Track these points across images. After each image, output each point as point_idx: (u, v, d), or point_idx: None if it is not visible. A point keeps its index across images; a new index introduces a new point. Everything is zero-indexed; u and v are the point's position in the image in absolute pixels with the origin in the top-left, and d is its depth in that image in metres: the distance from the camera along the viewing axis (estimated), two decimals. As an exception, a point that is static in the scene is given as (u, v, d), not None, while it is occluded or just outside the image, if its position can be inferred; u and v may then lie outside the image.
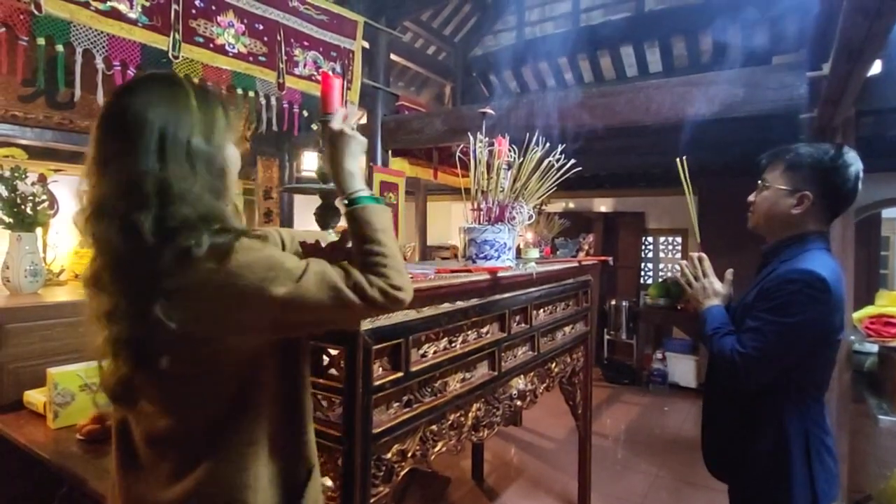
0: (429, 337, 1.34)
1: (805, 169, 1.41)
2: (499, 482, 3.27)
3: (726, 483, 1.58)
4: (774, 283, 1.35)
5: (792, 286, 1.30)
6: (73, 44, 2.22)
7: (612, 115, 3.26)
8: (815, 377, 1.42)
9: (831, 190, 1.39)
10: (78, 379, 2.03)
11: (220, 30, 2.78)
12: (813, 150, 1.43)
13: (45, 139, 3.35)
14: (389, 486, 1.18)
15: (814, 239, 1.41)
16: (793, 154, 1.44)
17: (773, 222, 1.47)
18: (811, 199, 1.39)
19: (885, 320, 2.17)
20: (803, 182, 1.40)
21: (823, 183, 1.39)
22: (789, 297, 1.30)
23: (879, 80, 2.18)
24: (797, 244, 1.41)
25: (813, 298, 1.28)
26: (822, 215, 1.42)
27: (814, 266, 1.31)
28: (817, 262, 1.33)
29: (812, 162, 1.40)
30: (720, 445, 1.56)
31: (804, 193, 1.39)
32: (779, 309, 1.31)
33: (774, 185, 1.45)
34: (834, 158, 1.38)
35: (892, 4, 1.03)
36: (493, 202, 1.79)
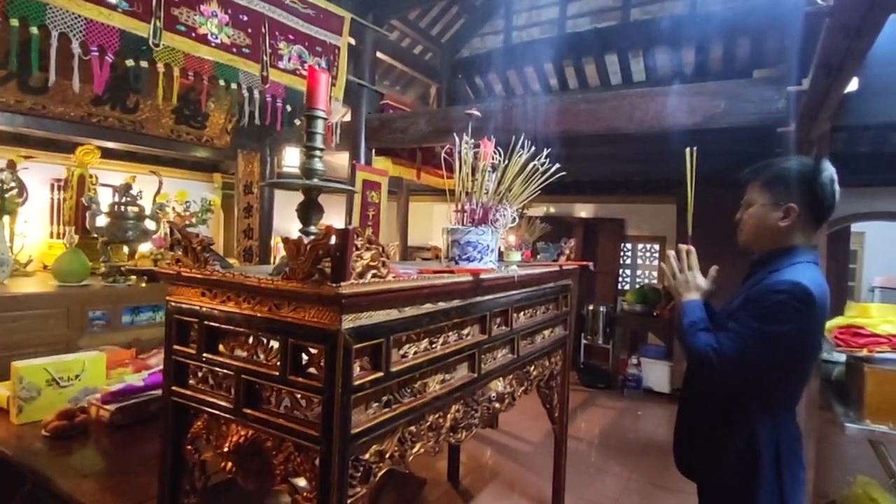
0: (409, 337, 1.32)
1: (789, 182, 1.43)
2: (474, 484, 3.27)
3: (696, 482, 1.61)
4: (761, 291, 1.37)
5: (779, 296, 1.32)
6: (49, 26, 2.15)
7: (596, 121, 3.29)
8: (790, 388, 1.44)
9: (815, 200, 1.41)
10: (44, 373, 1.96)
11: (203, 19, 2.72)
12: (794, 163, 1.47)
13: (16, 124, 3.24)
14: (367, 487, 1.16)
15: (803, 252, 1.44)
16: (775, 168, 1.47)
17: (762, 237, 1.50)
18: (797, 210, 1.41)
19: (853, 331, 2.23)
20: (788, 195, 1.43)
21: (807, 194, 1.41)
22: (775, 307, 1.32)
23: (854, 97, 2.24)
24: (786, 255, 1.44)
25: (798, 311, 1.30)
26: (808, 225, 1.45)
27: (802, 279, 1.32)
28: (806, 275, 1.35)
29: (795, 175, 1.43)
30: (693, 447, 1.59)
31: (790, 206, 1.42)
32: (763, 317, 1.33)
33: (760, 200, 1.48)
34: (815, 170, 1.41)
35: (873, 24, 1.06)
36: (476, 204, 1.79)
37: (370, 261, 1.11)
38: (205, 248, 1.30)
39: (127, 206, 3.64)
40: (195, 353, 1.32)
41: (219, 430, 1.31)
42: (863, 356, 2.18)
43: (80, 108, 3.43)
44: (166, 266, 1.37)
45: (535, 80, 6.03)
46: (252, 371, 1.21)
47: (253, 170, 4.80)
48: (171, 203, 4.36)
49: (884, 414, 2.08)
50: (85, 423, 1.88)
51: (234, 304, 1.24)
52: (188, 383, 1.36)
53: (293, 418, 1.15)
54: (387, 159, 4.76)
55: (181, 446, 1.38)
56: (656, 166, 4.96)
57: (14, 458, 1.69)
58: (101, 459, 1.74)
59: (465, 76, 6.38)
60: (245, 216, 4.81)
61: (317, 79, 1.43)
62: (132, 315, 3.37)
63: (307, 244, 1.08)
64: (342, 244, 1.04)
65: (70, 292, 3.11)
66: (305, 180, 1.42)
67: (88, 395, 2.03)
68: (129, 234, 3.61)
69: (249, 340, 1.26)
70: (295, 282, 1.10)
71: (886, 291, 6.40)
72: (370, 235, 1.12)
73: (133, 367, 2.38)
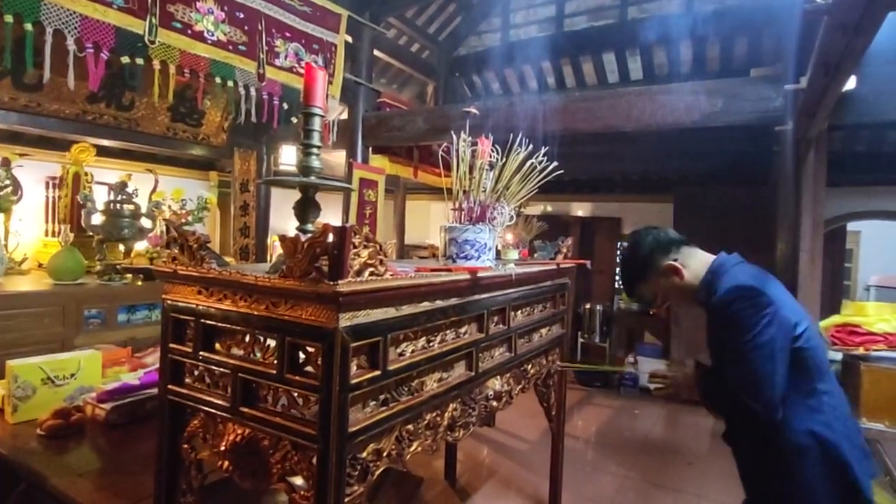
0: (407, 336, 1.32)
1: (643, 265, 1.59)
2: (471, 482, 3.26)
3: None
4: (718, 312, 1.44)
5: (733, 306, 1.39)
6: (44, 23, 2.13)
7: (594, 119, 3.29)
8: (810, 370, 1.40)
9: (657, 246, 1.58)
10: (40, 372, 1.95)
11: (199, 16, 2.71)
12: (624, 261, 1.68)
13: (11, 122, 3.22)
14: (364, 486, 1.16)
15: (721, 262, 1.53)
16: (630, 274, 1.66)
17: (686, 297, 1.61)
18: (672, 263, 1.55)
19: (850, 329, 2.24)
20: (655, 267, 1.58)
21: (656, 251, 1.57)
22: (738, 315, 1.37)
23: (852, 96, 2.25)
24: (712, 279, 1.51)
25: (754, 304, 1.36)
26: (686, 253, 1.57)
27: (735, 280, 1.42)
28: (735, 275, 1.45)
29: (638, 259, 1.60)
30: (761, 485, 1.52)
31: (664, 266, 1.55)
32: (736, 331, 1.37)
33: (653, 289, 1.62)
34: (633, 246, 1.63)
35: (871, 21, 1.06)
36: (474, 202, 1.78)
37: (368, 259, 1.11)
38: (201, 245, 1.29)
39: (123, 204, 3.63)
40: (192, 351, 1.31)
41: (215, 429, 1.30)
42: (859, 354, 2.19)
43: (76, 105, 3.41)
44: (162, 264, 1.36)
45: (532, 78, 6.03)
46: (249, 369, 1.20)
47: (249, 168, 4.79)
48: (167, 201, 4.34)
49: (880, 412, 2.09)
50: (80, 421, 1.87)
51: (230, 302, 1.23)
52: (185, 382, 1.35)
53: (290, 417, 1.14)
54: (384, 157, 4.75)
55: (177, 445, 1.38)
56: (654, 165, 4.97)
57: (9, 457, 1.68)
58: (96, 458, 1.73)
59: (463, 74, 6.37)
60: (241, 214, 4.80)
61: (314, 76, 1.42)
62: (128, 313, 3.36)
63: (304, 242, 1.07)
64: (340, 242, 1.03)
65: (65, 291, 3.10)
66: (302, 178, 1.41)
67: (84, 394, 2.02)
68: (124, 233, 3.59)
69: (246, 339, 1.25)
70: (292, 280, 1.09)
71: (882, 290, 6.42)
72: (368, 233, 1.11)
73: (129, 366, 2.37)
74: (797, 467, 1.37)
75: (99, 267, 3.50)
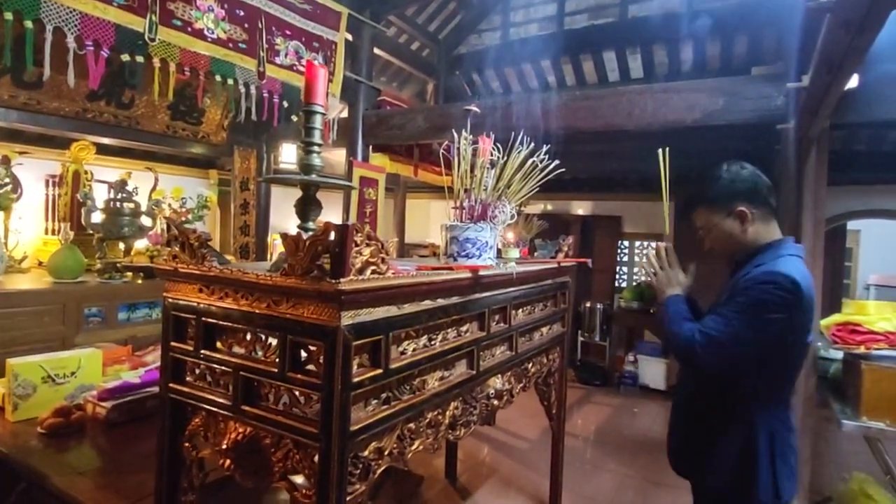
0: (409, 334, 1.32)
1: (722, 193, 1.50)
2: (471, 481, 3.26)
3: (691, 481, 1.62)
4: (748, 282, 1.39)
5: (764, 287, 1.34)
6: (44, 20, 2.12)
7: (595, 118, 3.28)
8: (782, 380, 1.46)
9: (751, 193, 1.48)
10: (40, 370, 1.95)
11: (199, 13, 2.70)
12: (717, 174, 1.54)
13: (10, 120, 3.21)
14: (366, 484, 1.16)
15: (788, 245, 1.47)
16: (704, 191, 1.56)
17: (734, 248, 1.54)
18: (747, 211, 1.47)
19: (851, 328, 2.24)
20: (731, 203, 1.49)
21: (742, 192, 1.48)
22: (761, 296, 1.34)
23: (853, 95, 2.24)
24: (769, 249, 1.46)
25: (783, 300, 1.32)
26: (767, 218, 1.49)
27: (787, 270, 1.35)
28: (790, 266, 1.37)
29: (721, 185, 1.51)
30: (688, 446, 1.60)
31: (740, 209, 1.47)
32: (748, 305, 1.35)
33: (711, 220, 1.54)
34: (729, 170, 1.50)
35: (875, 19, 1.06)
36: (475, 200, 1.78)
37: (370, 257, 1.10)
38: (202, 244, 1.29)
39: (122, 203, 3.62)
40: (193, 349, 1.31)
41: (217, 428, 1.30)
42: (860, 353, 2.18)
43: (75, 103, 3.40)
44: (163, 262, 1.36)
45: (532, 76, 6.02)
46: (250, 368, 1.20)
47: (249, 166, 4.78)
48: (167, 199, 4.33)
49: (880, 411, 2.09)
50: (81, 420, 1.87)
51: (232, 300, 1.23)
52: (186, 380, 1.35)
53: (292, 415, 1.14)
54: (384, 156, 4.74)
55: (179, 443, 1.37)
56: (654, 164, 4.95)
57: (10, 455, 1.68)
58: (97, 457, 1.73)
59: (463, 73, 6.36)
60: (241, 213, 4.79)
61: (315, 73, 1.42)
62: (128, 312, 3.35)
63: (306, 240, 1.07)
64: (341, 240, 1.03)
65: (65, 289, 3.09)
66: (304, 176, 1.41)
67: (84, 393, 2.02)
68: (124, 231, 3.59)
69: (247, 337, 1.25)
70: (294, 278, 1.09)
71: (881, 289, 6.43)
72: (370, 231, 1.11)
73: (129, 364, 2.37)
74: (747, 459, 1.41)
75: (99, 265, 3.50)
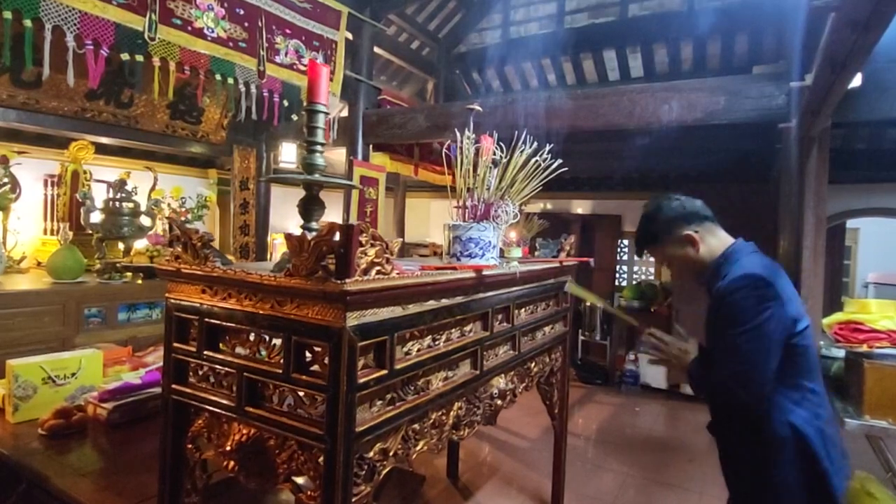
0: (413, 334, 1.31)
1: (664, 227, 1.55)
2: (473, 480, 3.26)
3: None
4: (721, 297, 1.40)
5: (736, 294, 1.36)
6: (43, 19, 2.11)
7: (596, 117, 3.28)
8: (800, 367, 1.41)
9: (684, 214, 1.53)
10: (40, 371, 1.93)
11: (199, 12, 2.69)
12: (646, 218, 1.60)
13: (9, 119, 3.19)
14: (371, 486, 1.15)
15: (740, 248, 1.50)
16: (648, 231, 1.60)
17: (696, 271, 1.56)
18: (692, 233, 1.51)
19: (853, 326, 2.23)
20: (675, 232, 1.54)
21: (680, 218, 1.53)
22: (739, 304, 1.35)
23: (855, 94, 2.24)
24: (726, 261, 1.49)
25: (759, 297, 1.34)
26: (709, 229, 1.53)
27: (746, 269, 1.38)
28: (747, 264, 1.41)
29: (661, 220, 1.56)
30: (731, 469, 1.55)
31: (684, 234, 1.52)
32: (734, 319, 1.36)
33: (668, 254, 1.58)
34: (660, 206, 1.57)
35: (881, 18, 1.05)
36: (478, 200, 1.77)
37: (374, 257, 1.10)
38: (205, 244, 1.28)
39: (122, 202, 3.61)
40: (195, 350, 1.30)
41: (220, 429, 1.29)
42: (862, 352, 2.18)
43: (74, 102, 3.39)
44: (166, 263, 1.35)
45: (532, 75, 6.01)
46: (254, 369, 1.19)
47: (249, 166, 4.77)
48: (166, 199, 4.32)
49: (883, 409, 2.09)
50: (82, 421, 1.86)
51: (235, 301, 1.22)
52: (188, 381, 1.34)
53: (297, 416, 1.13)
54: (384, 155, 4.73)
55: (181, 445, 1.37)
56: (654, 162, 4.96)
57: (10, 457, 1.67)
58: (98, 458, 1.72)
59: (463, 71, 6.35)
60: (241, 212, 4.77)
61: (318, 72, 1.41)
62: (128, 312, 3.34)
63: (311, 241, 1.06)
64: (346, 240, 1.02)
65: (65, 289, 3.08)
66: (307, 176, 1.40)
67: (85, 394, 2.01)
68: (124, 231, 3.58)
69: (251, 338, 1.24)
70: (298, 278, 1.08)
71: (880, 287, 6.44)
72: (375, 232, 1.10)
73: (130, 365, 2.36)
74: (774, 457, 1.39)
75: (98, 265, 3.49)
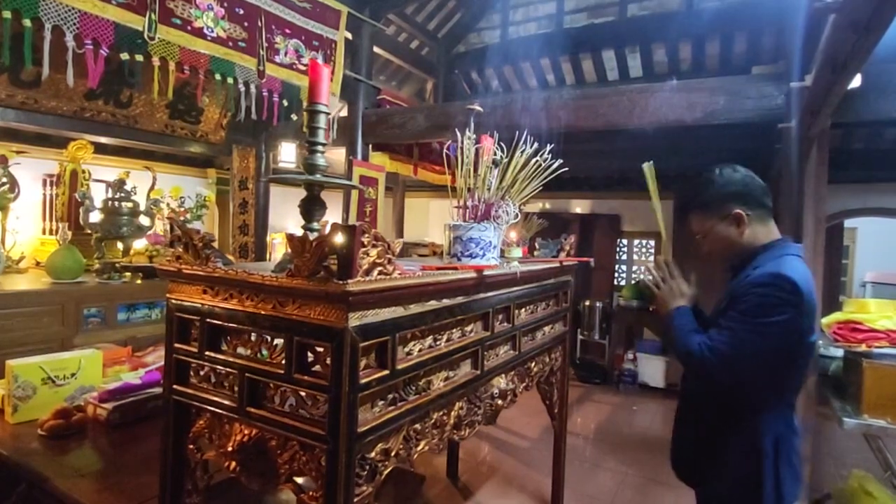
0: (414, 335, 1.31)
1: (716, 197, 1.49)
2: (473, 480, 3.27)
3: (694, 487, 1.61)
4: (746, 286, 1.37)
5: (762, 289, 1.33)
6: (42, 19, 2.10)
7: (595, 117, 3.28)
8: (788, 382, 1.44)
9: (744, 195, 1.46)
10: (40, 371, 1.93)
11: (199, 12, 2.69)
12: (712, 177, 1.52)
13: (7, 119, 3.19)
14: (373, 486, 1.15)
15: (786, 245, 1.45)
16: (699, 195, 1.54)
17: (732, 251, 1.52)
18: (743, 213, 1.45)
19: (852, 326, 2.24)
20: (725, 206, 1.47)
21: (736, 195, 1.46)
22: (760, 300, 1.32)
23: (855, 94, 2.25)
24: (766, 251, 1.45)
25: (783, 301, 1.30)
26: (763, 219, 1.48)
27: (785, 270, 1.33)
28: (788, 266, 1.35)
29: (715, 189, 1.49)
30: (693, 453, 1.58)
31: (734, 213, 1.46)
32: (750, 311, 1.33)
33: (707, 224, 1.52)
34: (721, 173, 1.49)
35: (882, 20, 1.05)
36: (479, 200, 1.77)
37: (376, 258, 1.10)
38: (206, 244, 1.28)
39: (121, 202, 3.60)
40: (197, 351, 1.30)
41: (221, 430, 1.29)
42: (861, 351, 2.19)
43: (73, 102, 3.38)
44: (167, 263, 1.35)
45: (531, 75, 6.01)
46: (256, 369, 1.19)
47: (248, 165, 4.76)
48: (165, 199, 4.31)
49: (882, 409, 2.10)
50: (82, 421, 1.86)
51: (236, 301, 1.22)
52: (189, 382, 1.34)
53: (298, 417, 1.13)
54: (384, 155, 4.73)
55: (183, 446, 1.36)
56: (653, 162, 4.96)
57: (10, 457, 1.67)
58: (98, 458, 1.72)
59: (462, 71, 6.35)
60: (240, 212, 4.77)
61: (319, 73, 1.41)
62: (127, 312, 3.34)
63: (313, 241, 1.06)
64: (349, 241, 1.02)
65: (64, 289, 3.08)
66: (308, 176, 1.40)
67: (85, 394, 2.01)
68: (123, 231, 3.57)
69: (252, 338, 1.24)
70: (300, 279, 1.08)
71: (878, 286, 6.46)
72: (377, 232, 1.10)
73: (129, 365, 2.36)
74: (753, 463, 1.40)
75: (97, 265, 3.48)
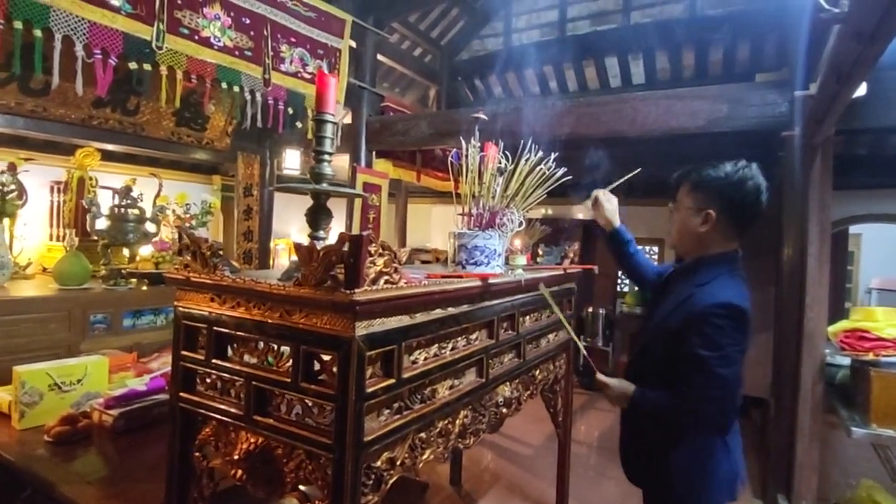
0: (420, 343, 1.31)
1: (711, 188, 1.46)
2: (476, 488, 3.25)
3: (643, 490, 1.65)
4: (698, 315, 1.40)
5: (718, 320, 1.37)
6: (52, 29, 2.13)
7: (598, 124, 3.29)
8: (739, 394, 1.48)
9: (732, 205, 1.44)
10: (47, 378, 1.94)
11: (206, 22, 2.72)
12: (723, 168, 1.47)
13: (16, 126, 3.21)
14: (378, 495, 1.15)
15: (723, 261, 1.48)
16: (703, 173, 1.49)
17: (685, 241, 1.54)
18: (714, 216, 1.45)
19: (859, 334, 2.23)
20: (707, 200, 1.46)
21: (724, 199, 1.44)
22: (717, 329, 1.37)
23: (859, 102, 2.25)
24: (708, 267, 1.48)
25: (736, 328, 1.37)
26: (729, 231, 1.47)
27: (730, 297, 1.38)
28: (730, 290, 1.40)
29: (713, 180, 1.46)
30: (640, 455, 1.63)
31: (708, 212, 1.45)
32: (711, 342, 1.37)
33: (685, 203, 1.52)
34: (731, 175, 1.44)
35: (888, 30, 1.06)
36: (484, 208, 1.78)
37: (383, 267, 1.10)
38: (214, 252, 1.29)
39: (127, 209, 3.62)
40: (204, 358, 1.31)
41: (228, 437, 1.29)
42: (869, 360, 2.18)
43: (81, 110, 3.41)
44: (175, 271, 1.36)
45: (534, 82, 6.03)
46: (263, 377, 1.19)
47: (253, 172, 4.78)
48: (171, 205, 4.34)
49: (890, 418, 2.09)
50: (88, 428, 1.86)
51: (244, 309, 1.22)
52: (196, 389, 1.35)
53: (305, 425, 1.14)
54: (387, 161, 4.75)
55: (189, 453, 1.37)
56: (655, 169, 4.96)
57: (16, 463, 1.68)
58: (104, 465, 1.72)
59: (465, 79, 6.38)
60: (245, 218, 4.79)
61: (326, 83, 1.42)
62: (133, 318, 3.35)
63: (320, 251, 1.07)
64: (356, 250, 1.03)
65: (71, 295, 3.09)
66: (315, 185, 1.41)
67: (91, 400, 2.01)
68: (129, 237, 3.59)
69: (259, 346, 1.25)
70: (307, 288, 1.09)
71: (883, 293, 6.43)
72: (383, 242, 1.11)
73: (135, 371, 2.37)
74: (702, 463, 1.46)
75: (104, 271, 3.50)
